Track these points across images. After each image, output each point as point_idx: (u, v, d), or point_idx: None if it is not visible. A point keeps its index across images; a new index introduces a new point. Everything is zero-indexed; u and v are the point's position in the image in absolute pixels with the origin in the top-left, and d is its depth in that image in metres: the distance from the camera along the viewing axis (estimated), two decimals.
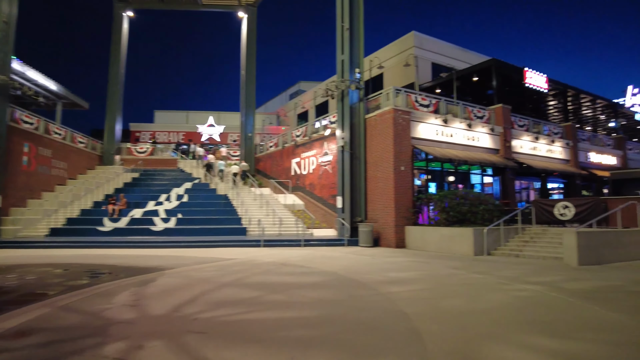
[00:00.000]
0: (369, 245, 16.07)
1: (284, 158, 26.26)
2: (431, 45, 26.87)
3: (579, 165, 24.05)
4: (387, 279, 8.31)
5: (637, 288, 7.35)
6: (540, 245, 13.22)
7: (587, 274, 9.14)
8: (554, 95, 25.92)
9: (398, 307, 5.73)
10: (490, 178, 20.61)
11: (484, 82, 22.44)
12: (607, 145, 27.41)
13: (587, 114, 30.65)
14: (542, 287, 7.34)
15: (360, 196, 17.48)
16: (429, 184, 18.82)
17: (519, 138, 21.30)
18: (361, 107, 17.98)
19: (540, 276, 8.70)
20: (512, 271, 9.54)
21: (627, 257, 11.84)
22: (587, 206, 13.50)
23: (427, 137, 17.55)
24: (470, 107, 19.39)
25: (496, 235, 14.13)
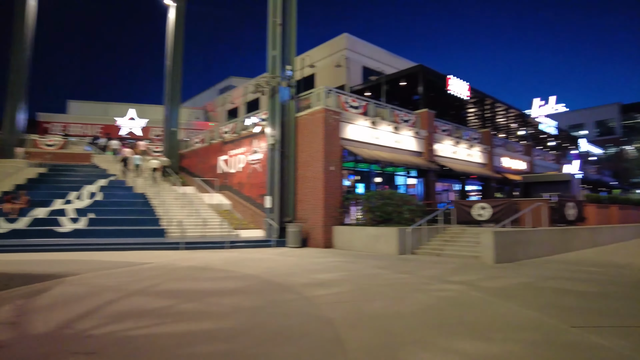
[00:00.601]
0: (297, 245, 15.81)
1: (211, 155, 25.17)
2: (362, 49, 27.37)
3: (494, 169, 25.86)
4: (313, 281, 8.06)
5: (545, 284, 7.82)
6: (459, 245, 13.84)
7: (502, 271, 9.64)
8: (474, 103, 27.62)
9: (322, 312, 5.47)
10: (415, 179, 21.39)
11: (411, 87, 23.24)
12: (518, 152, 29.83)
13: (502, 122, 33.15)
14: (462, 286, 7.54)
15: (290, 196, 17.17)
16: (357, 184, 19.04)
17: (442, 142, 22.35)
18: (292, 105, 17.68)
19: (460, 275, 8.99)
20: (434, 270, 9.78)
21: (535, 254, 12.80)
22: (502, 207, 14.41)
23: (356, 139, 17.70)
24: (397, 111, 19.93)
25: (419, 234, 14.57)
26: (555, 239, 14.00)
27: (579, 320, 5.03)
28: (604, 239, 17.36)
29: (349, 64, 25.48)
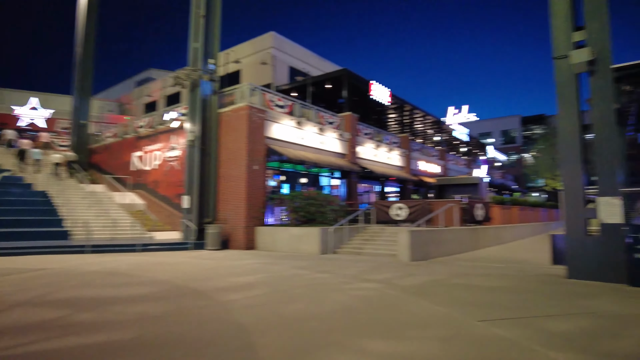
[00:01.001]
0: (217, 248, 15.15)
1: (124, 151, 23.34)
2: (289, 49, 27.23)
3: (411, 171, 27.17)
4: (229, 284, 7.66)
5: (455, 280, 8.21)
6: (378, 243, 14.22)
7: (416, 269, 9.99)
8: (394, 109, 28.80)
9: (235, 317, 5.15)
10: (338, 180, 21.70)
11: (336, 90, 23.56)
12: (433, 156, 31.68)
13: (419, 128, 35.01)
14: (379, 284, 7.63)
15: (210, 195, 16.43)
16: (282, 184, 18.82)
17: (364, 145, 22.94)
18: (214, 100, 16.95)
19: (378, 273, 9.15)
20: (353, 269, 9.86)
21: (447, 252, 13.53)
22: (417, 208, 15.08)
23: (281, 138, 17.47)
24: (322, 113, 20.07)
25: (341, 234, 14.73)
26: (465, 237, 14.95)
27: (485, 315, 5.27)
28: (506, 237, 18.98)
29: (275, 62, 25.19)
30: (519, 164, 56.81)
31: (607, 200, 7.98)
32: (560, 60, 8.69)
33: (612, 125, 8.13)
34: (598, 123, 8.24)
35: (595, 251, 8.02)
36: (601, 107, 8.21)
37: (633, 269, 7.48)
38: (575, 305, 5.86)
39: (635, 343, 4.13)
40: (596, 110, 8.28)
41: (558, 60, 8.77)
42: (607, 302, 6.13)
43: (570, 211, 8.48)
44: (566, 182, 8.63)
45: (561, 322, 4.92)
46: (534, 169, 45.50)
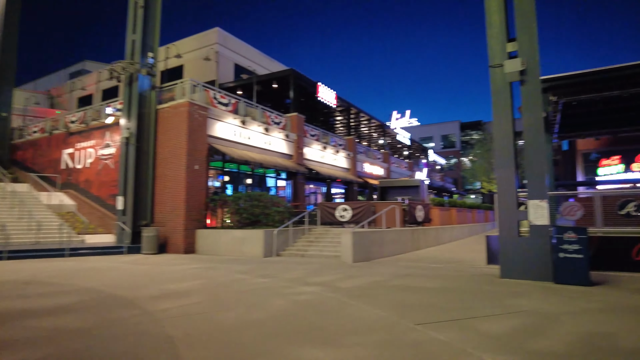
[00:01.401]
0: (154, 252, 14.34)
1: (53, 147, 21.57)
2: (235, 46, 26.60)
3: (356, 173, 27.53)
4: (163, 292, 7.19)
5: (396, 282, 8.30)
6: (322, 245, 14.17)
7: (359, 270, 10.01)
8: (340, 111, 29.09)
9: (165, 329, 4.77)
10: (284, 182, 21.47)
11: (282, 90, 23.33)
12: (377, 159, 32.35)
13: (365, 131, 35.66)
14: (321, 287, 7.52)
15: (147, 196, 15.54)
16: (226, 185, 18.26)
17: (310, 146, 22.89)
18: (153, 96, 16.09)
19: (321, 276, 9.05)
20: (296, 272, 9.69)
21: (389, 253, 13.76)
22: (361, 209, 15.22)
23: (224, 137, 16.93)
24: (268, 112, 19.75)
25: (285, 236, 14.52)
26: (406, 238, 15.31)
27: (422, 317, 5.31)
28: (445, 238, 19.74)
29: (219, 59, 24.47)
30: (458, 167, 59.72)
31: (535, 203, 8.44)
32: (496, 68, 9.09)
33: (541, 133, 8.62)
34: (528, 130, 8.70)
35: (525, 251, 8.45)
36: (531, 115, 8.68)
37: (557, 268, 7.96)
38: (508, 305, 6.08)
39: (561, 340, 4.31)
40: (526, 118, 8.74)
41: (493, 69, 9.17)
42: (536, 300, 6.43)
43: (504, 213, 8.88)
44: (500, 186, 9.03)
45: (494, 323, 5.05)
46: (471, 173, 48.06)
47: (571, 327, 4.85)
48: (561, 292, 7.07)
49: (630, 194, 10.53)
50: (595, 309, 5.78)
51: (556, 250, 7.97)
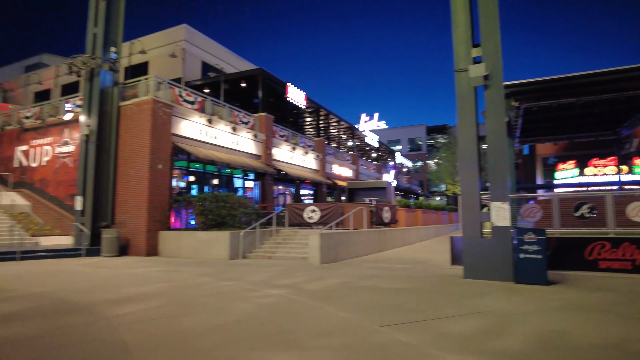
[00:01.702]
0: (114, 254, 13.79)
1: (5, 144, 20.38)
2: (203, 43, 26.06)
3: (325, 175, 27.57)
4: (122, 296, 6.88)
5: (362, 283, 8.30)
6: (290, 247, 14.05)
7: (326, 272, 9.97)
8: (310, 113, 29.05)
9: (120, 335, 4.54)
10: (252, 182, 21.19)
11: (251, 89, 23.04)
12: (346, 160, 32.53)
13: (334, 133, 35.79)
14: (287, 290, 7.41)
15: (108, 197, 14.93)
16: (191, 186, 17.82)
17: (279, 147, 22.72)
18: (115, 92, 15.48)
19: (287, 278, 8.94)
20: (262, 275, 9.54)
21: (356, 254, 13.81)
22: (329, 210, 15.21)
23: (190, 136, 16.52)
24: (236, 112, 19.44)
25: (252, 238, 14.30)
26: (373, 239, 15.43)
27: (388, 319, 5.31)
28: (411, 238, 20.06)
29: (186, 56, 23.90)
30: (424, 170, 61.01)
31: (498, 205, 8.66)
32: (461, 73, 9.28)
33: (504, 137, 8.87)
34: (491, 134, 8.92)
35: (488, 252, 8.65)
36: (494, 120, 8.91)
37: (518, 268, 8.20)
38: (471, 305, 6.18)
39: (522, 339, 4.40)
40: (490, 122, 8.97)
41: (459, 73, 9.36)
42: (497, 300, 6.59)
43: (467, 215, 9.06)
44: (464, 188, 9.21)
45: (458, 323, 5.11)
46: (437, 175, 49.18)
47: (531, 326, 4.97)
48: (522, 291, 7.27)
49: (584, 197, 11.02)
50: (553, 308, 5.97)
51: (517, 251, 8.21)
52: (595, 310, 5.83)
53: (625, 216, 10.04)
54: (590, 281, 8.32)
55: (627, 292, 7.15)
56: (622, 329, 4.85)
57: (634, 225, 9.93)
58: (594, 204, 10.34)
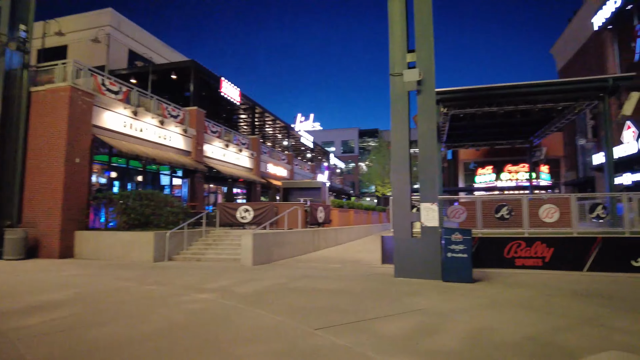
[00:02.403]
0: (21, 257, 12.30)
1: None
2: (130, 30, 24.38)
3: (260, 174, 27.10)
4: (25, 306, 6.08)
5: (295, 284, 8.15)
6: (221, 248, 13.52)
7: (259, 273, 9.68)
8: (245, 109, 28.39)
9: (18, 353, 3.93)
10: (180, 180, 20.18)
11: (182, 82, 21.96)
12: (281, 160, 32.28)
13: (269, 131, 35.37)
14: (216, 294, 7.04)
15: (13, 193, 13.31)
16: (114, 182, 16.51)
17: (211, 143, 21.89)
18: (25, 76, 13.85)
19: (217, 281, 8.53)
20: (190, 278, 9.02)
21: (290, 254, 13.64)
22: (263, 210, 14.89)
23: (113, 128, 15.29)
24: (165, 104, 18.38)
25: (180, 238, 13.56)
26: (307, 239, 15.37)
27: (323, 321, 5.20)
28: (344, 238, 20.33)
29: (111, 43, 22.17)
30: (356, 171, 62.59)
31: (427, 206, 8.98)
32: (396, 77, 9.50)
33: (434, 140, 9.22)
34: (422, 137, 9.23)
35: (418, 251, 8.93)
36: (425, 124, 9.23)
37: (446, 266, 8.56)
38: (403, 305, 6.29)
39: (454, 338, 4.51)
40: (421, 126, 9.27)
41: (394, 77, 9.58)
42: (428, 298, 6.78)
43: (398, 215, 9.28)
44: (395, 188, 9.43)
45: (392, 323, 5.14)
46: (368, 177, 50.60)
47: (461, 324, 5.14)
48: (449, 289, 7.58)
49: (504, 199, 11.85)
50: (480, 305, 6.25)
51: (445, 250, 8.56)
52: (516, 306, 6.20)
53: (538, 217, 10.94)
54: (509, 278, 8.92)
55: (540, 287, 7.74)
56: (538, 322, 5.18)
57: (545, 225, 10.87)
58: (512, 206, 11.14)
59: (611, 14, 26.15)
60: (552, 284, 8.20)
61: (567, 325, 5.06)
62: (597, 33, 28.65)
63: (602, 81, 13.17)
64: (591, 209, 10.81)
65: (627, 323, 5.15)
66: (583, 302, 6.40)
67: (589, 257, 10.01)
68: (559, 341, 4.38)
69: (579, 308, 6.03)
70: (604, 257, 9.93)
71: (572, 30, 33.37)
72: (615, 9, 25.64)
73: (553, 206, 10.79)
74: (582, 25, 31.22)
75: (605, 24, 27.30)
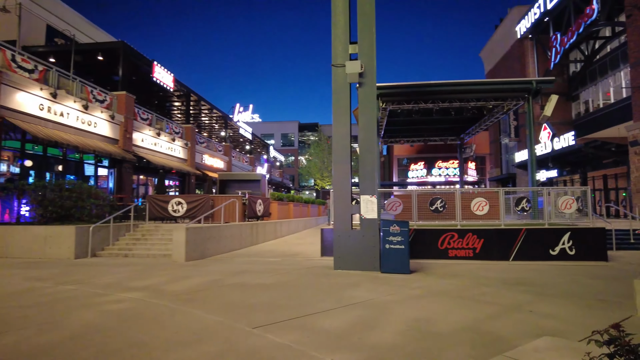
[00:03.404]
0: None
1: None
2: (49, 3, 22.01)
3: (195, 165, 25.94)
4: None
5: (232, 280, 7.78)
6: (151, 243, 12.69)
7: (192, 270, 9.15)
8: (179, 97, 26.97)
9: None
10: (107, 170, 18.70)
11: (110, 64, 20.28)
12: (218, 151, 31.19)
13: (205, 121, 34.01)
14: (144, 293, 6.48)
15: None
16: (30, 171, 14.84)
17: (141, 131, 20.53)
18: None
19: (146, 279, 7.91)
20: (115, 275, 8.30)
21: (227, 249, 13.11)
22: (198, 203, 14.19)
23: (27, 111, 13.72)
24: (90, 87, 16.85)
25: (105, 233, 12.52)
26: (245, 232, 14.91)
27: (260, 319, 4.93)
28: (283, 231, 20.07)
29: (24, 14, 19.84)
30: (295, 165, 62.47)
31: (367, 198, 8.99)
32: (338, 68, 9.37)
33: (374, 133, 9.25)
34: (363, 130, 9.21)
35: (357, 243, 8.91)
36: (366, 116, 9.21)
37: (384, 258, 8.63)
38: (342, 298, 6.19)
39: (394, 330, 4.46)
40: (362, 119, 9.25)
41: (336, 68, 9.43)
42: (367, 291, 6.74)
43: (339, 207, 9.20)
44: (336, 181, 9.32)
45: (332, 318, 4.99)
46: (307, 170, 50.73)
47: (400, 316, 5.12)
48: (388, 281, 7.63)
49: (438, 193, 12.29)
50: (417, 296, 6.33)
51: (383, 242, 8.63)
52: (451, 295, 6.36)
53: (469, 210, 11.46)
54: (443, 268, 9.21)
55: (472, 277, 8.06)
56: (472, 311, 5.32)
57: (476, 218, 11.41)
58: (445, 199, 11.56)
59: (531, 24, 28.29)
60: (482, 273, 8.58)
61: (499, 312, 5.24)
62: (520, 40, 30.85)
63: (527, 83, 14.12)
64: (517, 202, 11.53)
65: (553, 309, 5.45)
66: (511, 290, 6.72)
67: (515, 247, 10.65)
68: (494, 329, 4.49)
69: (508, 296, 6.31)
70: (527, 247, 10.63)
71: (499, 36, 35.64)
72: (534, 20, 27.77)
73: (483, 199, 11.36)
74: (507, 32, 33.46)
75: (526, 32, 29.48)
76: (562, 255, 10.56)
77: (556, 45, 25.01)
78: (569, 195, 11.35)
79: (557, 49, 24.95)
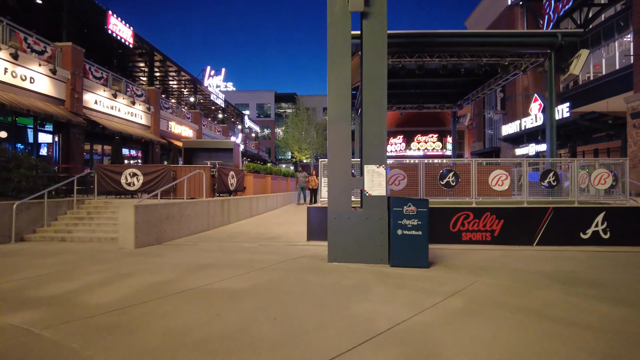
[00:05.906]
0: None
1: None
2: None
3: (159, 133, 23.17)
4: None
5: (190, 282, 5.64)
6: (97, 223, 10.30)
7: (139, 262, 6.91)
8: (140, 55, 23.82)
9: None
10: (50, 136, 15.85)
11: (53, 10, 17.06)
12: (186, 118, 28.31)
13: (173, 85, 30.86)
14: (44, 311, 4.26)
15: None
16: None
17: (94, 92, 17.61)
18: None
19: (69, 279, 5.64)
20: (30, 271, 6.00)
21: (190, 231, 10.83)
22: (157, 175, 11.80)
23: None
24: (22, 35, 13.84)
25: (39, 211, 10.06)
26: (215, 210, 12.64)
27: None
28: (261, 208, 17.86)
29: None
30: (272, 137, 59.64)
31: (373, 169, 6.87)
32: None
33: (384, 83, 6.98)
34: (369, 80, 6.97)
35: (360, 228, 6.80)
36: (374, 61, 6.95)
37: (395, 247, 6.55)
38: (352, 317, 4.15)
39: None
40: (367, 65, 6.99)
41: None
42: (383, 300, 4.72)
43: (335, 181, 7.01)
44: (332, 146, 7.02)
45: None
46: (284, 142, 48.14)
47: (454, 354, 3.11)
48: (403, 280, 5.64)
49: (449, 164, 10.30)
50: (461, 311, 4.32)
51: (394, 226, 6.59)
52: (507, 308, 4.39)
53: (485, 185, 9.55)
54: (463, 258, 7.31)
55: (508, 272, 6.15)
56: (567, 344, 3.38)
57: (494, 194, 9.53)
58: (459, 172, 9.60)
59: None
60: (514, 264, 6.73)
61: (610, 346, 3.31)
62: (510, 7, 28.84)
63: (552, 36, 12.05)
64: (542, 176, 9.67)
65: None
66: (579, 296, 4.84)
67: (540, 230, 8.87)
68: None
69: (585, 307, 4.42)
70: (553, 229, 8.86)
71: (487, 4, 33.48)
72: None
73: (504, 172, 9.45)
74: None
75: None
76: (594, 239, 8.86)
77: (549, 12, 23.00)
78: (602, 168, 9.57)
79: (551, 17, 22.95)
